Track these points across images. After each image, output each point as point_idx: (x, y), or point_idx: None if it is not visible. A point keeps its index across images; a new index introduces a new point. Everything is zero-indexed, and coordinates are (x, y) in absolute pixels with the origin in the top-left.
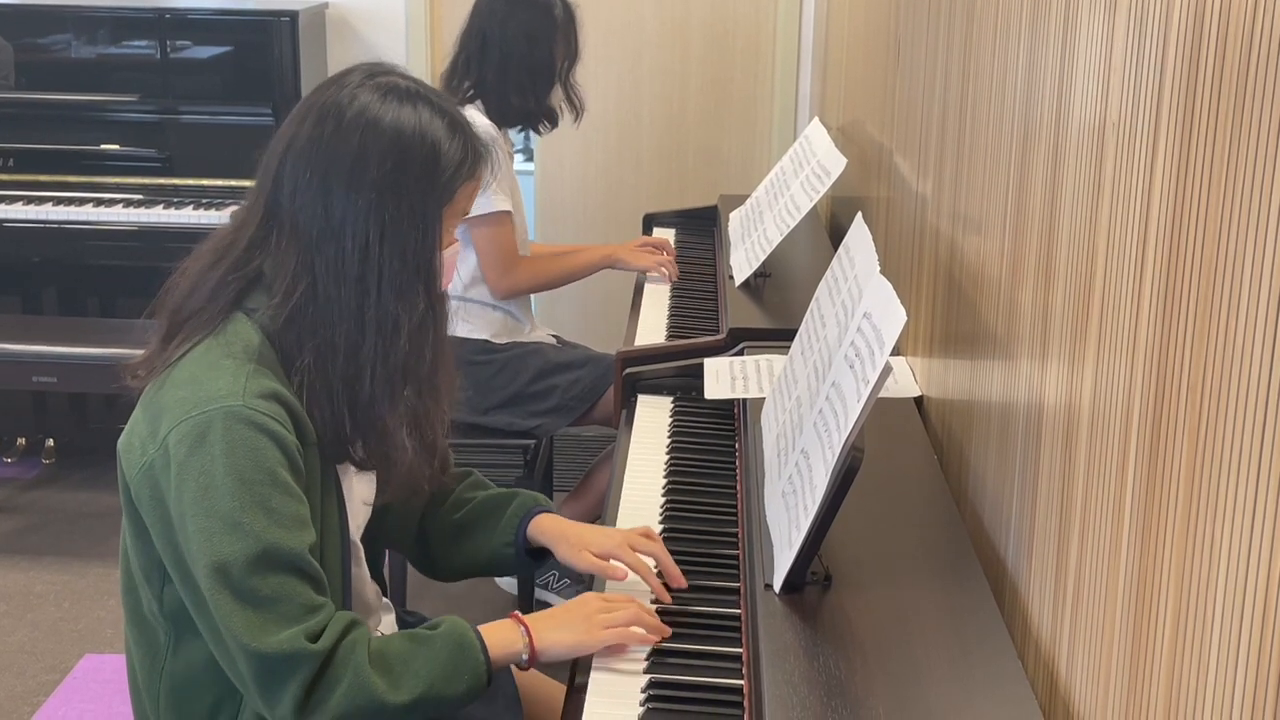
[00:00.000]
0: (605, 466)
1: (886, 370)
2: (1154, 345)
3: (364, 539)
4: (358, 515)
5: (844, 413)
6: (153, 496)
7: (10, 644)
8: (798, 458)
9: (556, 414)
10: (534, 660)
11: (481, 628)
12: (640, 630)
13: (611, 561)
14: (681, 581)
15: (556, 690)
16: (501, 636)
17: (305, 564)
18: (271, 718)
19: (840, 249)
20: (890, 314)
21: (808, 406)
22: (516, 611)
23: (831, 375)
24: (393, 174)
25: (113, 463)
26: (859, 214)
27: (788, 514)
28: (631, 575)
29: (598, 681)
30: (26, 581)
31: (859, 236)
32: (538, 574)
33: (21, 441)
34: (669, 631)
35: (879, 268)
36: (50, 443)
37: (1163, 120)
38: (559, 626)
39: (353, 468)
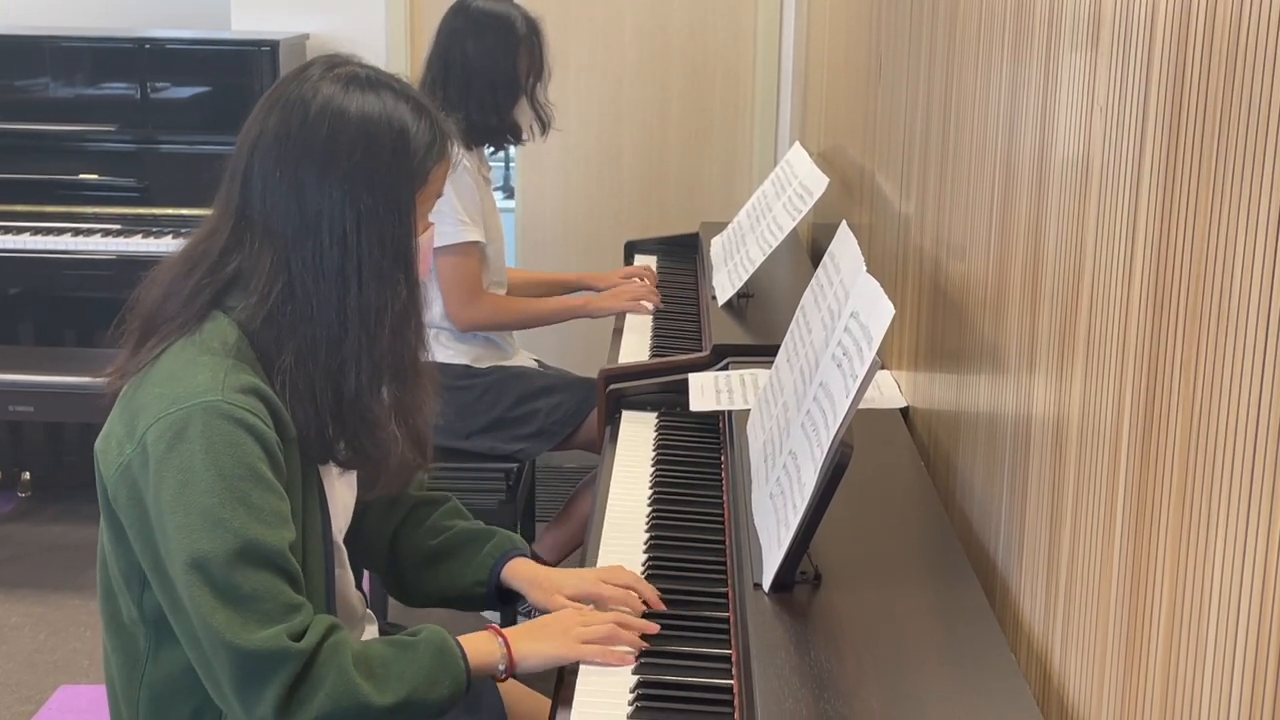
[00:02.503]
0: (586, 494)
1: (875, 365)
2: (1144, 354)
3: (346, 545)
4: (340, 516)
5: (832, 411)
6: (130, 497)
7: None
8: (785, 459)
9: (539, 438)
10: (511, 670)
11: (464, 639)
12: (620, 649)
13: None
14: (660, 605)
15: (541, 704)
16: (479, 646)
17: (285, 561)
18: None
19: (825, 256)
20: (878, 310)
21: (794, 409)
22: (494, 624)
23: (819, 376)
24: (364, 162)
25: (90, 495)
26: (843, 221)
27: (776, 515)
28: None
29: (586, 681)
30: (1, 614)
31: (844, 241)
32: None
33: None
34: (647, 643)
35: (865, 267)
36: (26, 476)
37: (1148, 137)
38: (536, 638)
39: (335, 468)
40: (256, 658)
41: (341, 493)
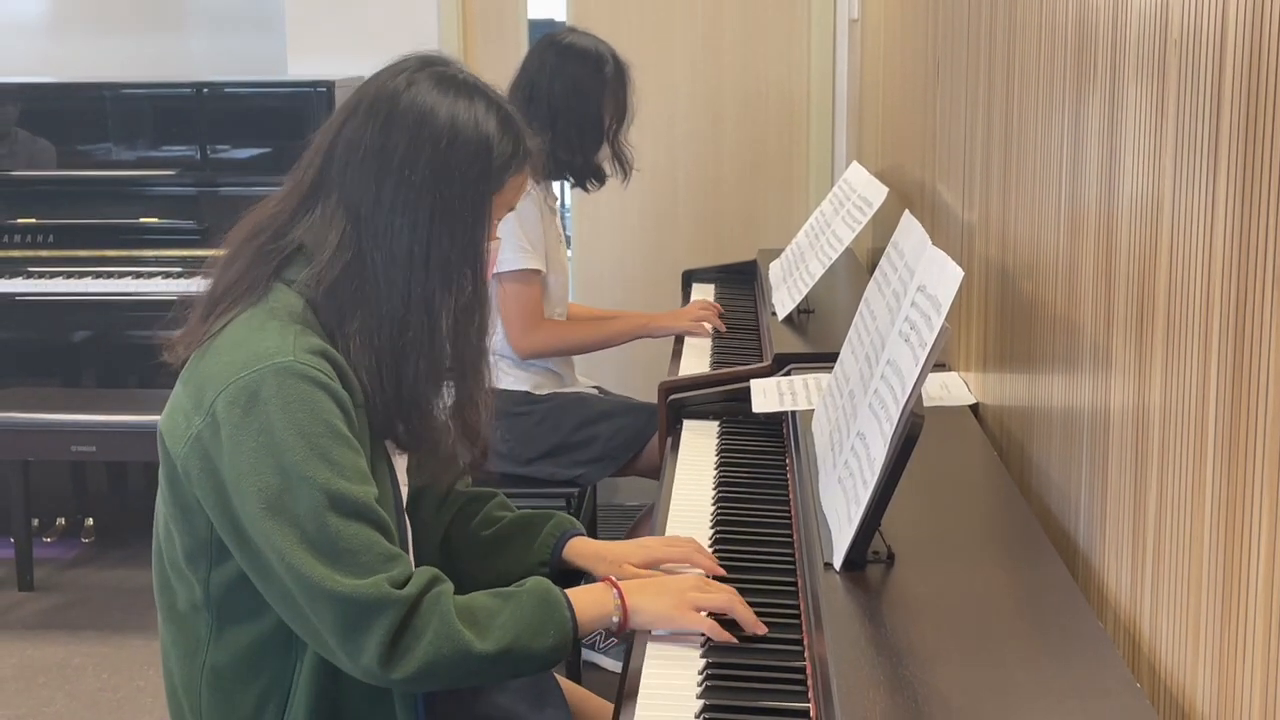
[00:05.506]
0: (646, 524)
1: (945, 333)
2: (1228, 337)
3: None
4: (402, 487)
5: (900, 384)
6: (203, 469)
7: (48, 713)
8: (853, 441)
9: (599, 463)
10: (625, 623)
11: (571, 591)
12: (726, 634)
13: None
14: (720, 570)
15: (605, 708)
16: (593, 598)
17: (374, 513)
18: (355, 669)
19: (889, 246)
20: (946, 277)
21: (861, 393)
22: (611, 576)
23: (885, 355)
24: (445, 159)
25: (151, 539)
26: (906, 211)
27: (845, 495)
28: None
29: (651, 671)
30: (65, 654)
31: (907, 229)
32: None
33: (61, 521)
34: (764, 627)
35: (930, 241)
36: (89, 522)
37: (1221, 138)
38: (652, 594)
39: (393, 445)
40: (357, 604)
41: (400, 468)
